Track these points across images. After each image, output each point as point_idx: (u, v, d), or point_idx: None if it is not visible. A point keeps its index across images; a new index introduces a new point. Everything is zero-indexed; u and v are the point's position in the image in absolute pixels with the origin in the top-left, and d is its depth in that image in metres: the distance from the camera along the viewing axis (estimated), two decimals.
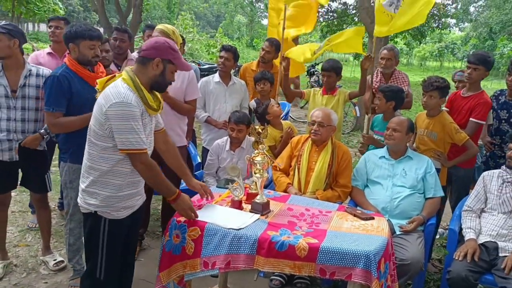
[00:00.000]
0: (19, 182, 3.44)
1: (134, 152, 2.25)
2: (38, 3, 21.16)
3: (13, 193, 4.78)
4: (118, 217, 2.39)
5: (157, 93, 2.43)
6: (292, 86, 4.89)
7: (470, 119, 3.68)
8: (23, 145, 3.15)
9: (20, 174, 3.40)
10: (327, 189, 3.43)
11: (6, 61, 3.10)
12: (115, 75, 2.39)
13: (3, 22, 3.14)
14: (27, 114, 3.16)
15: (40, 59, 3.92)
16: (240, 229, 2.45)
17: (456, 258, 2.92)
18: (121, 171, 2.33)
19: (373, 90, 4.27)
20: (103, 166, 2.31)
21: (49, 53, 4.01)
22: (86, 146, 2.36)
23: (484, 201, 3.21)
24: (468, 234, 3.08)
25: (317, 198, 3.27)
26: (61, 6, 22.93)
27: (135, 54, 4.17)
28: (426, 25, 14.79)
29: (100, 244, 2.39)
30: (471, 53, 3.93)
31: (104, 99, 2.22)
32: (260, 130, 2.89)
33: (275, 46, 4.70)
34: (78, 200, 2.43)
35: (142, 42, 3.93)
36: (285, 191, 3.38)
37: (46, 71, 3.26)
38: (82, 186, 2.39)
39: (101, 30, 4.59)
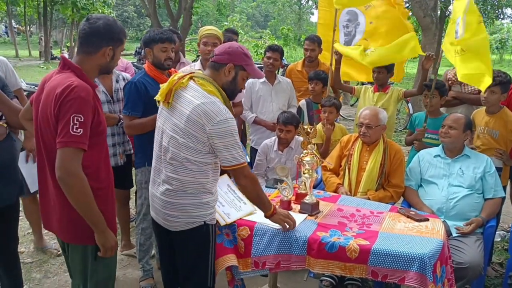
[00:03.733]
0: None
1: (240, 167, 2.19)
2: (90, 9, 22.11)
3: None
4: (214, 221, 2.40)
5: None
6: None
7: None
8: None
9: None
10: (379, 189, 3.34)
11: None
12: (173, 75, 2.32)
13: None
14: None
15: None
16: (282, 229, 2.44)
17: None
18: (211, 174, 2.28)
19: (449, 83, 4.11)
20: (203, 178, 2.24)
21: None
22: (170, 160, 2.21)
23: None
24: None
25: (369, 199, 3.20)
26: (111, 11, 23.78)
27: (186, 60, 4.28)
28: (485, 16, 14.03)
29: (211, 253, 2.37)
30: None
31: (204, 117, 2.09)
32: (309, 130, 2.87)
33: (317, 42, 4.65)
34: (182, 220, 2.26)
35: (191, 45, 4.00)
36: (335, 191, 3.33)
37: (127, 75, 3.50)
38: (182, 202, 2.24)
39: None
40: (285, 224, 2.42)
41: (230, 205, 2.64)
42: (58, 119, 1.87)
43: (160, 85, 2.31)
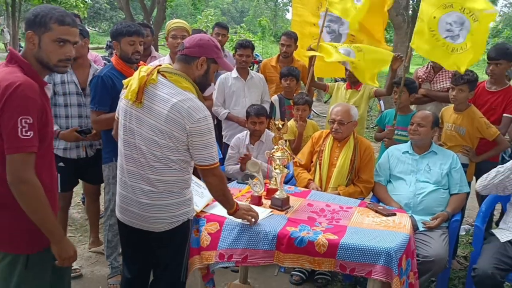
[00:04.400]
0: None
1: (214, 167, 2.15)
2: (64, 0, 21.48)
3: None
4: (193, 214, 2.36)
5: None
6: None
7: (504, 114, 3.60)
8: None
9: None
10: (349, 185, 3.38)
11: (77, 61, 3.21)
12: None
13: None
14: None
15: None
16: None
17: None
18: (190, 169, 2.25)
19: (420, 80, 4.19)
20: (186, 175, 2.21)
21: None
22: (152, 162, 2.12)
23: (504, 189, 3.01)
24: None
25: (339, 194, 3.23)
26: (86, 0, 23.19)
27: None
28: None
29: (187, 248, 2.33)
30: (490, 49, 3.81)
31: (183, 115, 2.03)
32: (280, 125, 2.88)
33: (294, 38, 4.66)
34: (167, 220, 2.20)
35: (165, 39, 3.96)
36: (306, 187, 3.36)
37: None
38: (168, 202, 2.17)
39: None
40: (249, 217, 2.41)
41: (194, 193, 2.60)
42: (3, 119, 1.72)
43: (124, 82, 2.21)
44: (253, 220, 2.43)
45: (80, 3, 22.07)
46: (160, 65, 2.20)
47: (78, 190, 4.72)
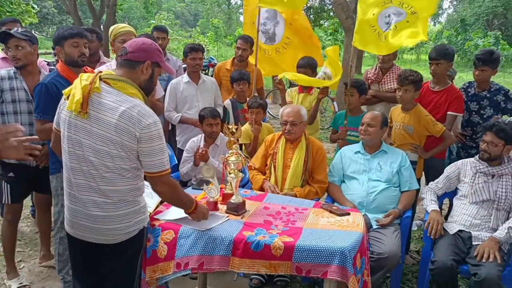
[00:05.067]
0: None
1: (164, 174, 2.09)
2: (11, 5, 20.56)
3: None
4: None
5: None
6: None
7: (448, 112, 3.75)
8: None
9: None
10: (304, 185, 3.43)
11: (27, 68, 3.12)
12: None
13: (21, 29, 3.18)
14: None
15: None
16: (206, 230, 2.43)
17: (430, 235, 3.10)
18: (143, 175, 2.19)
19: (369, 82, 4.29)
20: (140, 181, 2.15)
21: (2, 58, 3.90)
22: (104, 173, 2.05)
23: (449, 186, 3.34)
24: (431, 206, 3.25)
25: (296, 196, 3.27)
26: (34, 6, 22.32)
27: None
28: None
29: (141, 257, 2.27)
30: (431, 50, 4.00)
31: (132, 123, 1.97)
32: (234, 129, 2.88)
33: (250, 42, 4.68)
34: (124, 231, 2.14)
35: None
36: (261, 187, 3.37)
37: None
38: (123, 212, 2.11)
39: None
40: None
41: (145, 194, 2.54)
42: None
43: (64, 92, 2.12)
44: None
45: (30, 8, 21.20)
46: (101, 72, 2.12)
47: (27, 202, 4.51)
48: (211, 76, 5.08)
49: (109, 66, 3.60)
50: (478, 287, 2.73)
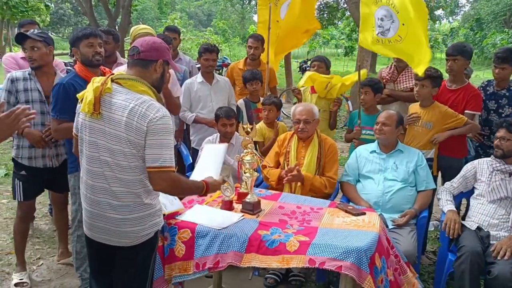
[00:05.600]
0: None
1: (165, 170, 2.03)
2: (24, 5, 20.84)
3: (4, 200, 4.80)
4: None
5: None
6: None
7: (466, 111, 3.70)
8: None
9: None
10: None
11: (42, 68, 3.18)
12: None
13: (36, 30, 3.24)
14: None
15: (18, 60, 3.92)
16: (222, 228, 2.45)
17: (448, 235, 3.07)
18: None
19: (384, 81, 4.27)
20: (149, 184, 2.11)
21: (23, 58, 3.96)
22: (119, 174, 2.06)
23: (466, 185, 3.31)
24: (448, 206, 3.22)
25: (303, 179, 3.26)
26: (49, 4, 22.51)
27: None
28: None
29: (153, 259, 2.29)
30: (448, 47, 3.95)
31: (141, 118, 1.98)
32: (249, 129, 2.89)
33: (261, 40, 4.69)
34: (140, 234, 2.15)
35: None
36: (280, 177, 3.36)
37: None
38: (140, 215, 2.12)
39: None
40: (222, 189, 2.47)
41: (163, 196, 2.50)
42: None
43: (78, 95, 2.16)
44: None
45: (42, 6, 21.43)
46: (112, 74, 2.16)
47: (46, 200, 4.60)
48: (224, 76, 5.09)
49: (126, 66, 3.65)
50: (491, 284, 2.72)
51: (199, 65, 4.49)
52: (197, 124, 4.25)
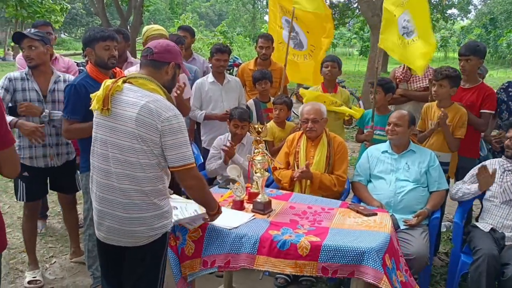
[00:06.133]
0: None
1: (189, 167, 2.09)
2: (39, 5, 21.02)
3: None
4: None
5: None
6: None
7: (482, 111, 3.65)
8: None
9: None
10: None
11: (39, 67, 3.19)
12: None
13: (33, 30, 3.27)
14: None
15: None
16: (233, 228, 2.45)
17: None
18: (166, 177, 2.23)
19: (397, 81, 4.24)
20: (161, 184, 2.16)
21: None
22: (128, 171, 2.08)
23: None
24: (470, 186, 3.27)
25: (312, 176, 3.27)
26: (67, 5, 22.59)
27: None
28: (431, 15, 14.73)
29: (163, 260, 2.28)
30: (461, 46, 3.91)
31: (153, 115, 2.01)
32: (260, 129, 2.89)
33: (271, 40, 4.69)
34: (146, 234, 2.15)
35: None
36: (292, 178, 3.36)
37: (71, 76, 3.39)
38: (145, 215, 2.13)
39: None
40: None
41: (177, 202, 2.53)
42: None
43: (91, 96, 2.18)
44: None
45: (56, 6, 21.60)
46: (124, 76, 2.20)
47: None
48: (235, 76, 5.10)
49: (137, 66, 3.67)
50: (505, 286, 2.69)
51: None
52: (208, 122, 4.26)
